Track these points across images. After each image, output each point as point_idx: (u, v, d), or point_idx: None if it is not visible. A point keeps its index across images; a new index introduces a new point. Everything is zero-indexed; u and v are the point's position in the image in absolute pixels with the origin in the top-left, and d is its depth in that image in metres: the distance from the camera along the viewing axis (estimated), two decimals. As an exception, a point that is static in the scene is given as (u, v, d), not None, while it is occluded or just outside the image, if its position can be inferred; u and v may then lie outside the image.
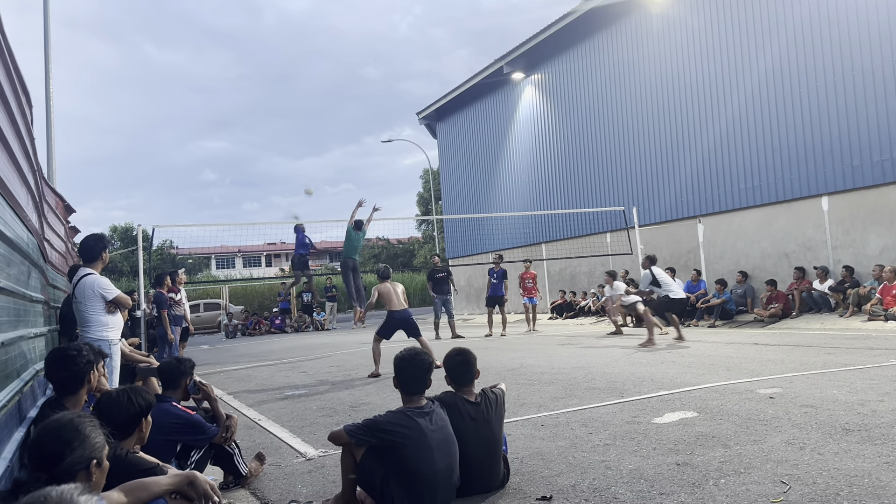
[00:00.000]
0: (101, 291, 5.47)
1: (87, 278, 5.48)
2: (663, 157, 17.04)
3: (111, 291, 5.53)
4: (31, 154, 5.93)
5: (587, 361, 8.68)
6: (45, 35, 13.43)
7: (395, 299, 9.28)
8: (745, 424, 4.61)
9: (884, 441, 3.96)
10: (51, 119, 13.26)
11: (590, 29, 19.07)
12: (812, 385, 5.89)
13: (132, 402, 2.94)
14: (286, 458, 4.83)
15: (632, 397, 5.92)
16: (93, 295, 5.44)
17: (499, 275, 15.33)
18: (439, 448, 3.37)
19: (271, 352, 14.84)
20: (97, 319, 5.48)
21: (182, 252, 55.75)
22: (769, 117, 14.37)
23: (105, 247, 5.75)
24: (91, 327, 5.45)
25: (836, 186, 13.17)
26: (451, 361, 3.82)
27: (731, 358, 8.09)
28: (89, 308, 5.45)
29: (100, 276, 5.57)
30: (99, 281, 5.51)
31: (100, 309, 5.47)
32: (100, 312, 5.48)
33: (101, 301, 5.47)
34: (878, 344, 8.68)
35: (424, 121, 28.46)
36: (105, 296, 5.48)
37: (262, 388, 8.65)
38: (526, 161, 22.34)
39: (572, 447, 4.40)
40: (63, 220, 10.93)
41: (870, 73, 12.53)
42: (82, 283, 5.47)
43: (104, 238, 6.00)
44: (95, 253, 5.62)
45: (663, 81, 16.92)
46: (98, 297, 5.45)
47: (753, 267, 14.84)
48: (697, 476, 3.59)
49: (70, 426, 2.25)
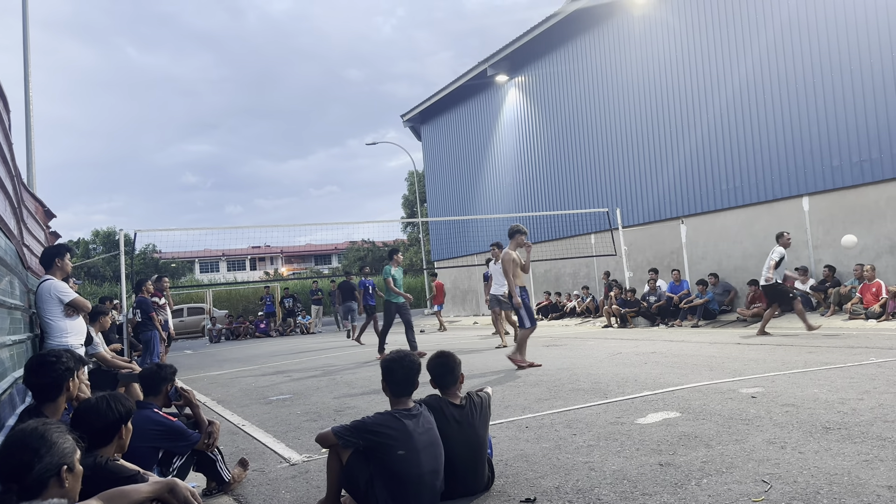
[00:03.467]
0: (58, 295, 5.48)
1: (43, 283, 5.53)
2: (646, 158, 17.15)
3: (67, 294, 5.52)
4: (8, 159, 5.87)
5: (572, 363, 8.71)
6: (25, 38, 13.28)
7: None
8: (728, 424, 4.65)
9: (863, 439, 4.00)
10: (30, 123, 13.11)
11: (573, 31, 19.17)
12: (793, 384, 5.95)
13: (111, 408, 2.91)
14: (270, 463, 4.81)
15: (615, 398, 5.95)
16: (49, 298, 5.46)
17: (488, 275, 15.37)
18: (425, 450, 3.37)
19: (256, 356, 14.76)
20: (56, 325, 5.48)
21: (165, 256, 55.37)
22: (750, 119, 14.51)
23: (59, 254, 5.74)
24: (51, 333, 5.46)
25: (817, 187, 13.32)
26: (434, 364, 3.82)
27: (713, 358, 8.15)
28: (47, 313, 5.46)
29: (57, 280, 5.57)
30: (55, 284, 5.52)
31: (58, 314, 5.48)
32: (58, 317, 5.49)
33: (59, 305, 5.48)
34: (859, 342, 8.78)
35: (409, 123, 28.46)
36: (62, 298, 5.48)
37: (246, 393, 8.60)
38: (510, 163, 22.40)
39: (556, 449, 4.41)
40: (43, 225, 10.80)
41: (849, 75, 12.69)
42: (40, 289, 5.52)
43: (62, 246, 6.05)
44: (50, 261, 5.66)
45: (646, 83, 17.03)
46: (55, 301, 5.47)
47: (735, 267, 14.97)
48: (680, 476, 3.61)
49: (35, 434, 2.22)
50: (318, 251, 70.71)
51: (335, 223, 39.69)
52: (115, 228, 51.83)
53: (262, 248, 68.66)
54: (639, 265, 17.24)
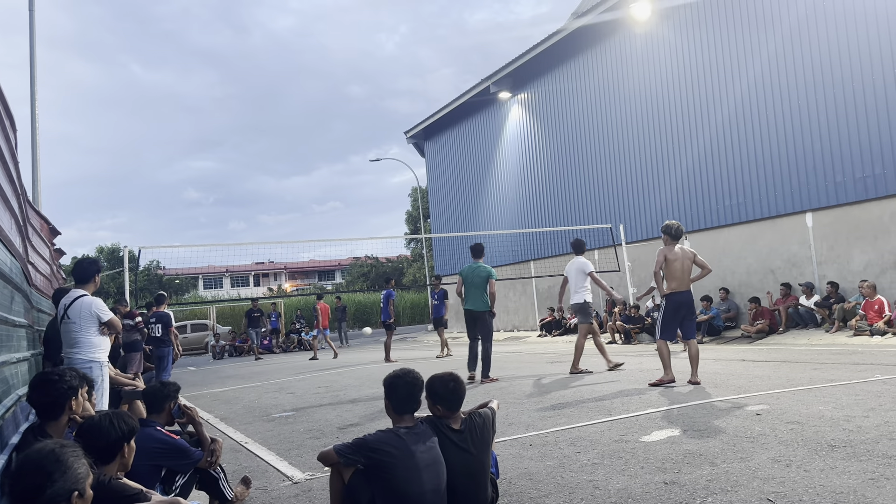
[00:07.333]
0: (98, 313, 5.64)
1: (83, 299, 5.64)
2: (650, 174, 17.18)
3: (106, 314, 5.71)
4: (14, 178, 5.91)
5: (576, 380, 8.67)
6: (31, 58, 13.41)
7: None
8: (732, 442, 4.62)
9: (869, 457, 3.98)
10: (36, 141, 13.21)
11: (575, 48, 19.29)
12: (798, 401, 5.92)
13: (114, 426, 2.90)
14: (273, 481, 4.79)
15: (620, 415, 5.92)
16: (89, 316, 5.60)
17: (439, 295, 15.39)
18: (427, 469, 3.35)
19: (259, 373, 14.74)
20: (89, 340, 5.61)
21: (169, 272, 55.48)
22: (753, 135, 14.54)
23: (99, 270, 5.97)
24: (82, 348, 5.57)
25: (820, 203, 13.32)
26: (443, 388, 3.68)
27: (718, 374, 8.11)
28: (83, 329, 5.58)
29: (96, 298, 5.74)
30: (96, 302, 5.68)
31: (94, 331, 5.63)
32: (93, 334, 5.63)
33: (96, 323, 5.63)
34: (864, 359, 8.74)
35: (412, 139, 28.60)
36: (101, 317, 5.64)
37: (249, 410, 8.58)
38: (513, 179, 22.46)
39: (560, 467, 4.38)
40: (48, 242, 10.85)
41: (851, 91, 12.73)
42: (78, 304, 5.60)
43: (98, 261, 6.24)
44: (89, 275, 5.82)
45: (648, 100, 17.10)
46: (94, 319, 5.62)
47: (739, 283, 14.94)
48: (685, 495, 3.59)
49: (52, 456, 2.20)
50: (321, 267, 70.73)
51: (338, 239, 39.90)
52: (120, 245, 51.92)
53: (265, 265, 68.80)
54: (642, 281, 17.20)
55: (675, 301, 7.61)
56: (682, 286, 7.64)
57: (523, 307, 22.27)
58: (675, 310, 7.63)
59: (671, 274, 7.60)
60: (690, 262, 7.72)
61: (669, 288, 7.63)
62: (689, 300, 7.76)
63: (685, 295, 7.66)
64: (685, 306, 7.67)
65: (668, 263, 7.60)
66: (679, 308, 7.62)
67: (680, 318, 7.68)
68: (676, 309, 7.62)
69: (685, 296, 7.66)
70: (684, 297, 7.65)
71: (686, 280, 7.67)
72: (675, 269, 7.59)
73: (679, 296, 7.61)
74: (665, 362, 7.65)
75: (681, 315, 7.66)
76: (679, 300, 7.61)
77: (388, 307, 15.23)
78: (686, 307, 7.67)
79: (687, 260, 7.67)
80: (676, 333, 7.95)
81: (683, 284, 7.64)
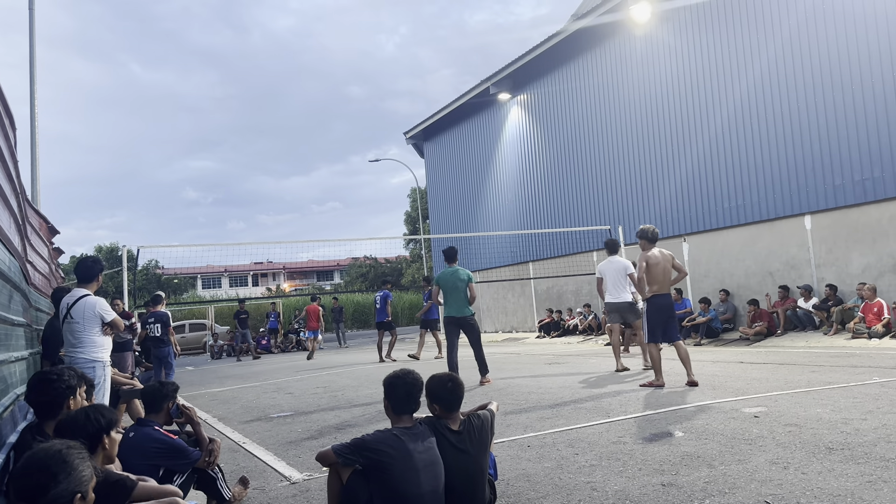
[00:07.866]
0: (102, 313, 5.74)
1: (87, 299, 5.72)
2: (648, 176, 17.19)
3: (110, 314, 5.80)
4: (13, 177, 5.91)
5: (574, 381, 8.68)
6: (31, 56, 13.40)
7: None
8: (730, 444, 4.63)
9: (866, 460, 3.98)
10: (35, 140, 13.20)
11: (575, 50, 19.30)
12: (796, 404, 5.92)
13: (90, 419, 2.90)
14: (270, 481, 4.79)
15: (618, 417, 5.93)
16: (93, 316, 5.69)
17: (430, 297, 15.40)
18: (425, 470, 3.34)
19: (257, 373, 14.73)
20: (92, 340, 5.69)
21: (167, 272, 55.44)
22: (752, 137, 14.56)
23: (102, 269, 6.06)
24: (85, 348, 5.65)
25: (819, 205, 13.33)
26: (441, 388, 3.68)
27: (716, 377, 8.11)
28: (86, 329, 5.66)
29: (100, 298, 5.83)
30: (99, 303, 5.77)
31: (97, 331, 5.71)
32: (96, 334, 5.71)
33: (100, 323, 5.72)
34: (862, 362, 8.75)
35: (412, 140, 28.59)
36: (104, 318, 5.73)
37: (247, 410, 8.57)
38: (513, 180, 22.47)
39: (558, 468, 4.39)
40: (47, 241, 10.84)
41: (850, 93, 12.75)
42: (82, 304, 5.68)
43: (101, 261, 6.29)
44: (93, 274, 5.91)
45: (648, 102, 17.11)
46: (97, 319, 5.71)
47: (738, 285, 14.95)
48: (682, 497, 3.59)
49: (58, 457, 2.20)
50: (320, 267, 70.74)
51: (337, 240, 39.92)
52: (118, 244, 51.92)
53: (264, 265, 68.81)
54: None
55: (657, 304, 7.75)
56: (663, 289, 7.78)
57: (522, 308, 22.28)
58: (657, 312, 7.75)
59: (653, 278, 7.72)
60: (671, 266, 7.84)
61: (651, 291, 7.74)
62: (670, 303, 7.89)
63: (666, 298, 7.80)
64: (667, 309, 7.78)
65: (650, 268, 7.72)
66: (661, 310, 7.74)
67: (663, 320, 7.76)
68: (659, 311, 7.74)
69: (666, 298, 7.80)
70: (665, 299, 7.79)
71: (667, 283, 7.79)
72: (657, 273, 7.72)
73: (660, 298, 7.75)
74: (656, 367, 7.72)
75: (664, 317, 7.75)
76: (660, 303, 7.74)
77: (386, 308, 15.55)
78: (668, 310, 7.79)
79: (667, 263, 7.79)
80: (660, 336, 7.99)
81: (664, 287, 7.78)
